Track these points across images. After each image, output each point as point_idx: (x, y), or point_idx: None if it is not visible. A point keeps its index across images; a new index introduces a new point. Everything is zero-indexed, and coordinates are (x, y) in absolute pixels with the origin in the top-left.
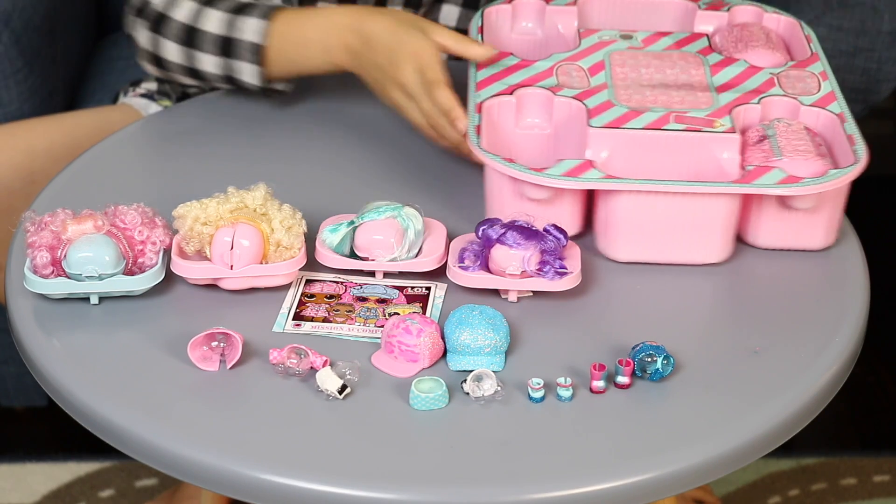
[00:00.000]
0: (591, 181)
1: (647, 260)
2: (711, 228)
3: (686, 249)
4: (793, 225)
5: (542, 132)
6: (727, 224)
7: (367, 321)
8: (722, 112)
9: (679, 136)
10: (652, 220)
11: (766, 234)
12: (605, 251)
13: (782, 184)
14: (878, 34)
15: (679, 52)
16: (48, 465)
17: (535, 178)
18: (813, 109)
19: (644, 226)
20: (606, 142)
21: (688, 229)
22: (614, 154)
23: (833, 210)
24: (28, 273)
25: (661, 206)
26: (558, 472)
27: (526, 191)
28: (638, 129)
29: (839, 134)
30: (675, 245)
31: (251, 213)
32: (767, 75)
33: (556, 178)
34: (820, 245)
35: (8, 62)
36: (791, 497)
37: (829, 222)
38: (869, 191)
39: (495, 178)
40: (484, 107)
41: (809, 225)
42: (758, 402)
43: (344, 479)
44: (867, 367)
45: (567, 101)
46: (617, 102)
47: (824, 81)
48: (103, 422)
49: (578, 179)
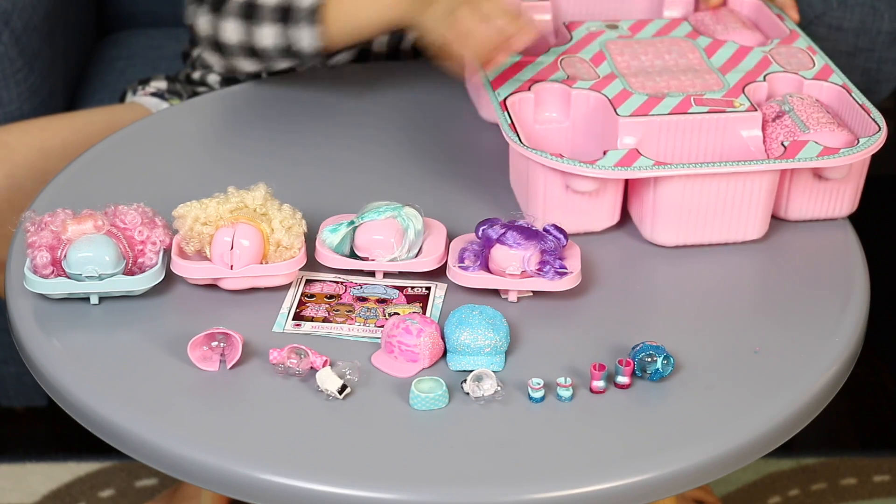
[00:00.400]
0: (643, 170)
1: (694, 242)
2: (755, 205)
3: (731, 228)
4: (823, 195)
5: (559, 126)
6: (768, 200)
7: (367, 321)
8: (736, 91)
9: (705, 119)
10: (700, 202)
11: (797, 206)
12: (652, 238)
13: (822, 156)
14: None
15: (669, 38)
16: (48, 465)
17: (590, 171)
18: (815, 83)
19: (692, 209)
20: (635, 130)
21: (733, 208)
22: (643, 141)
23: (859, 178)
24: (28, 273)
25: (709, 187)
26: (558, 472)
27: (575, 184)
28: (666, 115)
29: (849, 104)
30: (719, 225)
31: (251, 213)
32: (760, 54)
33: (610, 169)
34: (846, 212)
35: (8, 62)
36: (791, 497)
37: (855, 189)
38: (869, 191)
39: (540, 173)
40: (508, 104)
41: (839, 193)
42: (758, 402)
43: (344, 479)
44: (867, 367)
45: (585, 93)
46: (634, 91)
47: (815, 56)
48: (103, 422)
49: (632, 169)
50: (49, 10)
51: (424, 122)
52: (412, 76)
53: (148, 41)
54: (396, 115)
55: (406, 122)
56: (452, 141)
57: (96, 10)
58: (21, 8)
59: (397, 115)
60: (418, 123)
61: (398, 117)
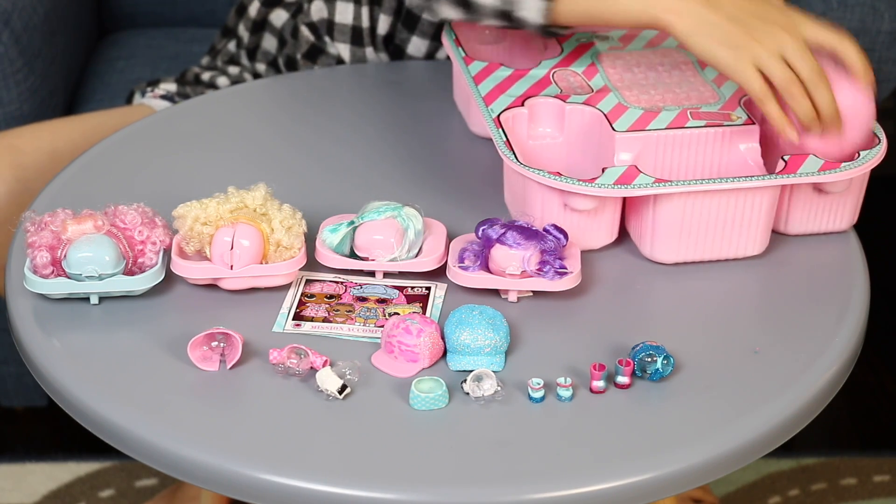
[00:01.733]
0: (643, 187)
1: (695, 259)
2: (755, 221)
3: (731, 244)
4: (823, 209)
5: (554, 141)
6: (769, 215)
7: (367, 321)
8: (732, 104)
9: (703, 133)
10: (700, 219)
11: (797, 220)
12: (652, 256)
13: (823, 170)
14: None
15: (661, 49)
16: (48, 465)
17: (589, 189)
18: None
19: (692, 226)
20: (632, 145)
21: (734, 224)
22: (640, 157)
23: (859, 191)
24: (28, 273)
25: (709, 204)
26: (558, 472)
27: (573, 203)
28: (663, 130)
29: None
30: (721, 241)
31: (251, 213)
32: None
33: (609, 187)
34: (846, 226)
35: (8, 62)
36: (791, 497)
37: (855, 203)
38: (869, 191)
39: (537, 191)
40: (502, 119)
41: (839, 207)
42: (758, 402)
43: (344, 479)
44: (867, 367)
45: (580, 108)
46: (629, 105)
47: None
48: (103, 422)
49: (631, 187)
50: (49, 10)
51: (425, 123)
52: (412, 76)
53: (148, 41)
54: (396, 115)
55: (406, 122)
56: (453, 141)
57: (96, 10)
58: (21, 8)
59: (397, 115)
60: (419, 123)
61: (398, 117)
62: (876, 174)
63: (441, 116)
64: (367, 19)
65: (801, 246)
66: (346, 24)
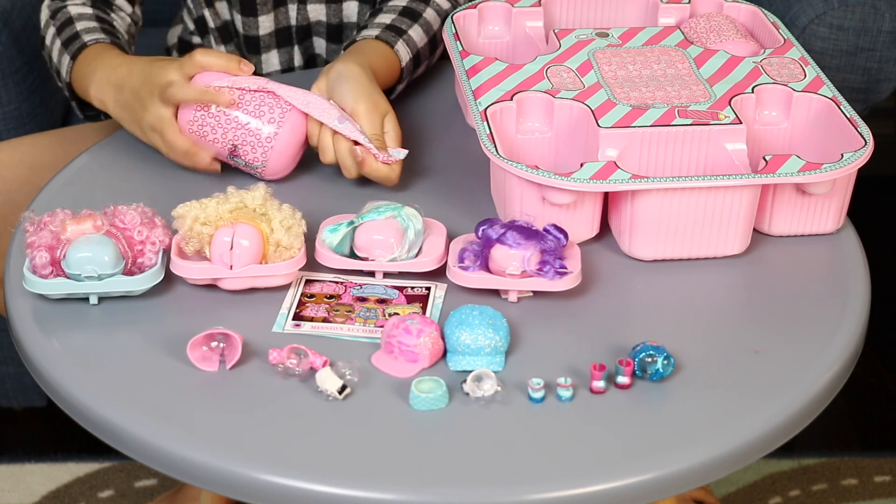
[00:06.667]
0: (619, 182)
1: (673, 256)
2: (735, 220)
3: (710, 243)
4: (807, 210)
5: (542, 136)
6: (749, 215)
7: (366, 321)
8: (722, 103)
9: (688, 131)
10: (678, 216)
11: (780, 221)
12: (630, 252)
13: (804, 171)
14: (878, 33)
15: (659, 47)
16: (47, 465)
17: (565, 183)
18: (805, 95)
19: (670, 223)
20: (617, 141)
21: (713, 223)
22: (625, 153)
23: (844, 193)
24: (27, 273)
25: (687, 202)
26: (558, 472)
27: (551, 196)
28: (648, 127)
29: (837, 117)
30: (699, 239)
31: (251, 213)
32: (751, 65)
33: (585, 182)
34: (831, 228)
35: (7, 61)
36: (792, 497)
37: (840, 205)
38: (869, 191)
39: (516, 185)
40: (488, 113)
41: (822, 209)
42: (758, 402)
43: (344, 479)
44: (867, 367)
45: (569, 104)
46: (618, 101)
47: (807, 67)
48: (103, 422)
49: (607, 182)
50: None
51: (425, 123)
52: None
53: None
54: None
55: (406, 122)
56: (453, 141)
57: None
58: (20, 8)
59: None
60: (419, 123)
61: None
62: (876, 174)
63: (443, 114)
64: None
65: (801, 246)
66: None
